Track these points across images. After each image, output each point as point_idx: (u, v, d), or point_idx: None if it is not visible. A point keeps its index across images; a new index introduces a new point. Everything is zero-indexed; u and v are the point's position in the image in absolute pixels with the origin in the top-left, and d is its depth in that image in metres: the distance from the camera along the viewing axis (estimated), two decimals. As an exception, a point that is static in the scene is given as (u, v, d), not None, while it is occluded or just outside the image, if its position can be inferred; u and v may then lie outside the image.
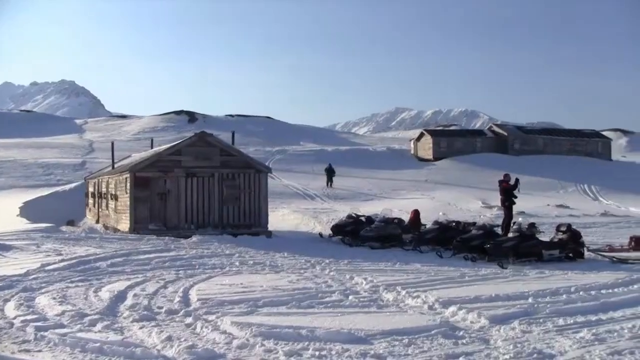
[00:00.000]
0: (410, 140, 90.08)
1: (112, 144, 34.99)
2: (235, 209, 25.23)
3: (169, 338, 8.95)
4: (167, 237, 22.47)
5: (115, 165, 30.99)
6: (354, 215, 24.72)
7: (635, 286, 13.62)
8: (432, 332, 9.42)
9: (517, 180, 22.76)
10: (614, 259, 18.32)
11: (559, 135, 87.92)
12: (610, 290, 13.07)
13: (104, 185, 30.84)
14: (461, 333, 9.51)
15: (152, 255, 17.83)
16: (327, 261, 17.36)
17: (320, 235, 24.90)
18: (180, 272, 15.23)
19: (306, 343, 8.79)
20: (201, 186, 24.87)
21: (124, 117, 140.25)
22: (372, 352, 8.49)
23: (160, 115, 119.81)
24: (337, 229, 23.96)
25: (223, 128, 78.21)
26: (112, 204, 28.16)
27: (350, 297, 12.12)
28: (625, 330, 9.67)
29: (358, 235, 22.52)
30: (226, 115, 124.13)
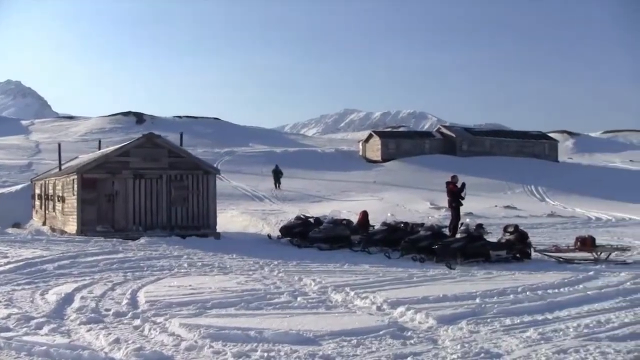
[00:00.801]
0: (359, 142, 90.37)
1: (59, 145, 34.46)
2: (183, 211, 25.05)
3: (117, 340, 8.86)
4: (114, 239, 22.24)
5: (63, 167, 30.56)
6: (302, 216, 24.72)
7: (581, 286, 13.84)
8: (381, 332, 9.45)
9: (463, 184, 22.96)
10: (560, 259, 18.60)
11: (506, 137, 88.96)
12: (556, 290, 13.25)
13: (50, 187, 30.40)
14: (409, 333, 9.56)
15: (99, 258, 17.61)
16: (276, 262, 17.34)
17: (269, 236, 24.86)
18: (128, 274, 15.08)
19: (254, 344, 8.77)
20: (149, 188, 24.66)
21: (71, 118, 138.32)
22: (320, 353, 8.49)
23: (108, 116, 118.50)
24: (286, 230, 23.94)
25: (171, 129, 77.58)
26: (59, 206, 27.77)
27: (299, 299, 12.11)
28: (571, 329, 9.82)
29: (307, 236, 22.52)
30: (174, 116, 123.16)
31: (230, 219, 32.18)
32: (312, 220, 24.12)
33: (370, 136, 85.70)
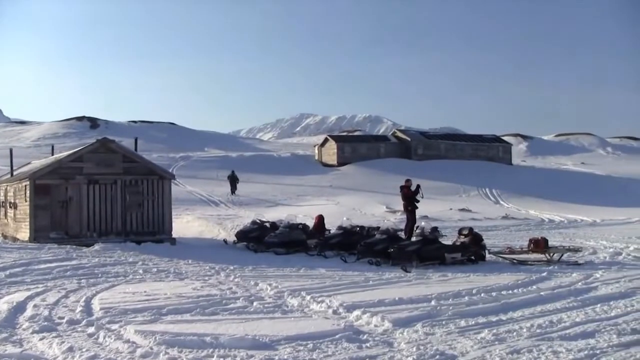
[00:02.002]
0: (315, 146, 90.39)
1: (11, 150, 33.90)
2: (138, 216, 24.83)
3: (71, 349, 8.77)
4: (68, 246, 21.94)
5: (14, 173, 30.09)
6: (258, 221, 24.66)
7: (534, 287, 14.08)
8: (337, 336, 9.49)
9: (418, 186, 23.12)
10: (514, 261, 18.82)
11: (460, 141, 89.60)
12: (510, 291, 13.46)
13: (2, 194, 29.92)
14: (365, 337, 9.61)
15: (53, 265, 17.38)
16: (232, 267, 17.29)
17: (225, 241, 24.77)
18: (83, 281, 14.92)
19: (210, 350, 8.74)
20: (103, 193, 24.39)
21: (23, 123, 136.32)
22: (276, 357, 8.51)
23: (61, 121, 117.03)
24: (242, 235, 23.84)
25: (126, 134, 76.97)
26: (10, 212, 27.34)
27: (255, 303, 12.10)
28: (524, 330, 9.98)
29: (263, 241, 22.47)
30: (129, 121, 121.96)
31: (186, 224, 31.99)
32: (268, 224, 24.08)
33: (326, 140, 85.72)
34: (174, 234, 25.44)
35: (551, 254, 19.17)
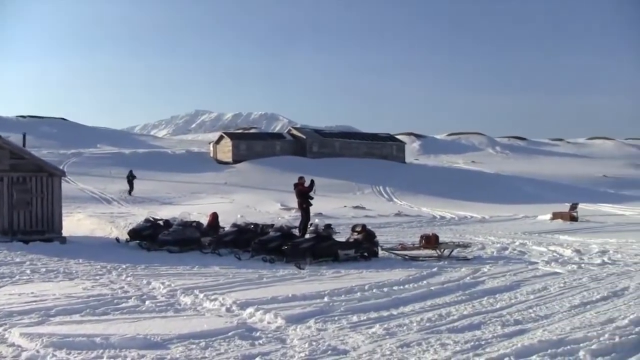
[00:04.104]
0: (210, 143, 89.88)
1: None
2: (26, 215, 24.10)
3: (-51, 354, 8.46)
4: (-49, 246, 21.17)
5: None
6: (151, 219, 24.31)
7: (425, 282, 14.41)
8: (229, 334, 9.46)
9: (312, 181, 23.27)
10: (406, 257, 19.17)
11: (355, 139, 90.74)
12: (401, 287, 13.73)
13: None
14: (258, 334, 9.61)
15: None
16: (124, 266, 16.97)
17: (117, 240, 24.28)
18: (-35, 282, 14.40)
19: (100, 351, 8.56)
20: (-11, 191, 23.61)
21: None
22: (168, 357, 8.42)
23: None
24: (135, 233, 23.42)
25: (14, 130, 74.47)
26: None
27: (147, 302, 11.93)
28: (414, 324, 10.20)
29: (156, 239, 22.15)
30: (17, 116, 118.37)
31: (77, 222, 31.24)
32: (161, 222, 23.76)
33: (221, 137, 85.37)
34: (65, 233, 24.79)
35: (442, 250, 19.61)
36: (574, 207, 38.20)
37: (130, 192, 50.89)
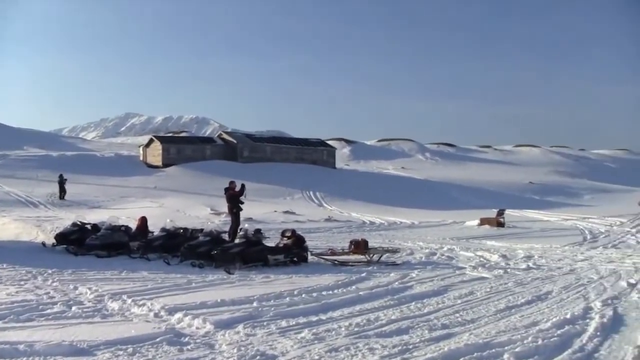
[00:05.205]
0: (140, 147, 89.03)
1: None
2: (-52, 218, 23.59)
3: None
4: None
5: None
6: (79, 223, 23.89)
7: (354, 287, 14.49)
8: (157, 339, 9.36)
9: (242, 185, 23.25)
10: (336, 262, 19.25)
11: (286, 144, 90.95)
12: (330, 292, 13.76)
13: None
14: (186, 339, 9.53)
15: None
16: (50, 271, 16.62)
17: (44, 244, 23.79)
18: None
19: (24, 358, 8.38)
20: None
21: None
22: (94, 363, 8.32)
23: None
24: (62, 237, 22.99)
25: None
26: None
27: (74, 308, 11.71)
28: (343, 329, 10.25)
29: (83, 243, 21.81)
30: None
31: (1, 226, 30.54)
32: (89, 226, 23.39)
33: (151, 141, 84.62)
34: (-12, 237, 24.29)
35: (371, 255, 19.77)
36: (501, 213, 39.04)
37: (62, 196, 49.98)
